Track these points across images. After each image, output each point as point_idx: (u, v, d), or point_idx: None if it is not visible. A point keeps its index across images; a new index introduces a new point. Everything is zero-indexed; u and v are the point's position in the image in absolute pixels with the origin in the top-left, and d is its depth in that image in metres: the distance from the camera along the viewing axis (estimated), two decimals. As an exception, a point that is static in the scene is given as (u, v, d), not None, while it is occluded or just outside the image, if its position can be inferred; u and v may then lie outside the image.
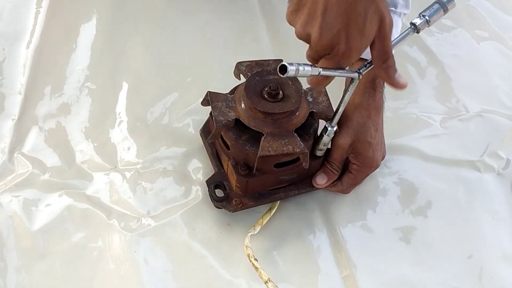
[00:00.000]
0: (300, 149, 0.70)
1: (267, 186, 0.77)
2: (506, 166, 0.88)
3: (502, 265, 0.79)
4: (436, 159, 0.88)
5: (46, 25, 0.95)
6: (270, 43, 0.98)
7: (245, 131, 0.73)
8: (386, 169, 0.85)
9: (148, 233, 0.77)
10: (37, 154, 0.82)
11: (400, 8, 0.83)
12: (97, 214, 0.78)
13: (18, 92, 0.87)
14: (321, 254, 0.78)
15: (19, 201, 0.77)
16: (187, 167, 0.83)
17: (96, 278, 0.73)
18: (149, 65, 0.93)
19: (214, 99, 0.74)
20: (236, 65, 0.77)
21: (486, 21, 1.06)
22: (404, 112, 0.93)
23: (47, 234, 0.75)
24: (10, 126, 0.84)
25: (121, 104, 0.88)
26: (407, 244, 0.80)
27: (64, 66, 0.91)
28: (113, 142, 0.84)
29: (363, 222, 0.81)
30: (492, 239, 0.81)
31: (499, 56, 1.02)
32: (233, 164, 0.75)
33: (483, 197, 0.85)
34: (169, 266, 0.75)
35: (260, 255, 0.74)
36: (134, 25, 0.98)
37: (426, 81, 0.97)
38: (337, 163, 0.78)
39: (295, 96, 0.72)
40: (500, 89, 0.97)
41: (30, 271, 0.73)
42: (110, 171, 0.82)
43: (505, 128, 0.92)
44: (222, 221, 0.79)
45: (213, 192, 0.76)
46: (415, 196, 0.84)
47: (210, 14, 1.01)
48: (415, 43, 1.01)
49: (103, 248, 0.75)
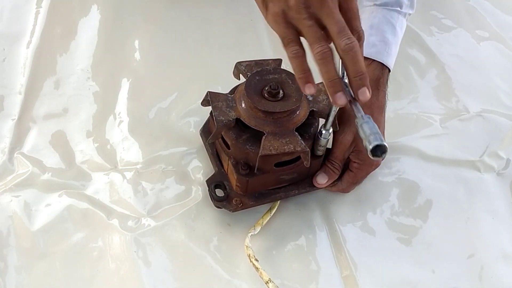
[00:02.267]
0: (301, 148, 0.70)
1: (268, 186, 0.77)
2: (506, 166, 0.88)
3: (502, 265, 0.79)
4: (436, 159, 0.88)
5: (46, 25, 0.95)
6: (270, 43, 0.98)
7: (246, 130, 0.73)
8: (386, 169, 0.85)
9: (148, 233, 0.77)
10: (37, 154, 0.82)
11: (405, 9, 0.83)
12: (97, 214, 0.78)
13: (18, 92, 0.87)
14: (321, 254, 0.78)
15: (19, 201, 0.77)
16: (187, 167, 0.83)
17: (96, 278, 0.73)
18: (149, 65, 0.93)
19: (214, 99, 0.74)
20: (235, 65, 0.77)
21: (486, 21, 1.06)
22: (404, 112, 0.93)
23: (47, 234, 0.75)
24: (10, 126, 0.84)
25: (121, 104, 0.88)
26: (407, 244, 0.80)
27: (64, 66, 0.91)
28: (113, 142, 0.84)
29: (363, 222, 0.81)
30: (492, 239, 0.81)
31: (499, 56, 1.02)
32: (234, 163, 0.75)
33: (483, 197, 0.85)
34: (169, 266, 0.75)
35: (261, 255, 0.74)
36: (134, 25, 0.98)
37: (426, 81, 0.97)
38: (338, 161, 0.78)
39: (295, 95, 0.72)
40: (500, 89, 0.97)
41: (30, 271, 0.73)
42: (110, 171, 0.82)
43: (505, 128, 0.92)
44: (222, 221, 0.79)
45: (213, 192, 0.76)
46: (415, 196, 0.84)
47: (210, 14, 1.01)
48: (415, 43, 1.01)
49: (103, 248, 0.75)
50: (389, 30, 0.81)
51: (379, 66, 0.80)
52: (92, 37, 0.95)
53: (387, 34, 0.81)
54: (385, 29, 0.81)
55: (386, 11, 0.82)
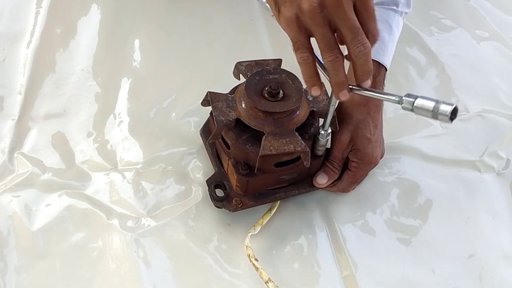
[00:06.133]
0: (301, 148, 0.70)
1: (268, 186, 0.77)
2: (506, 166, 0.88)
3: (502, 265, 0.79)
4: (436, 159, 0.88)
5: (46, 25, 0.95)
6: (270, 43, 0.98)
7: (246, 130, 0.73)
8: (386, 169, 0.86)
9: (148, 233, 0.77)
10: (37, 154, 0.82)
11: (402, 7, 0.83)
12: (97, 214, 0.78)
13: (18, 92, 0.87)
14: (321, 254, 0.78)
15: (19, 201, 0.77)
16: (187, 167, 0.83)
17: (96, 278, 0.73)
18: (149, 65, 0.93)
19: (215, 99, 0.74)
20: (235, 65, 0.77)
21: (486, 21, 1.06)
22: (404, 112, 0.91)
23: (47, 234, 0.75)
24: (10, 126, 0.84)
25: (121, 104, 0.88)
26: (407, 244, 0.80)
27: (64, 66, 0.91)
28: (113, 142, 0.84)
29: (363, 222, 0.81)
30: (492, 239, 0.81)
31: (499, 56, 1.02)
32: (234, 163, 0.75)
33: (483, 197, 0.85)
34: (169, 266, 0.75)
35: (260, 255, 0.74)
36: (134, 25, 0.98)
37: (426, 81, 0.97)
38: (338, 161, 0.78)
39: (295, 95, 0.72)
40: (500, 89, 0.97)
41: (30, 271, 0.73)
42: (110, 171, 0.82)
43: (505, 128, 0.92)
44: (222, 221, 0.79)
45: (213, 192, 0.76)
46: (415, 196, 0.84)
47: (210, 14, 1.01)
48: (415, 43, 1.01)
49: (103, 248, 0.75)
50: (385, 29, 0.81)
51: (376, 65, 0.80)
52: (92, 37, 0.95)
53: (383, 33, 0.81)
54: (381, 27, 0.81)
55: (382, 10, 0.82)
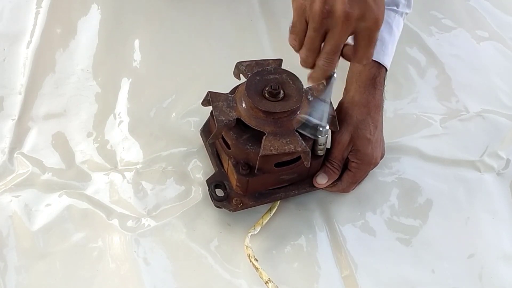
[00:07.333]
0: (301, 148, 0.70)
1: (268, 186, 0.77)
2: (506, 166, 0.88)
3: (502, 265, 0.79)
4: (436, 159, 0.88)
5: (46, 25, 0.95)
6: (270, 43, 0.98)
7: (246, 130, 0.73)
8: (386, 169, 0.85)
9: (148, 233, 0.77)
10: (37, 154, 0.82)
11: (402, 8, 0.83)
12: (97, 214, 0.78)
13: (18, 92, 0.87)
14: (321, 254, 0.78)
15: (19, 201, 0.77)
16: (187, 167, 0.83)
17: (96, 278, 0.73)
18: (149, 65, 0.93)
19: (215, 99, 0.74)
20: (236, 65, 0.77)
21: (486, 21, 1.06)
22: (404, 112, 0.92)
23: (47, 234, 0.75)
24: (10, 126, 0.84)
25: (121, 104, 0.88)
26: (407, 244, 0.80)
27: (64, 66, 0.91)
28: (113, 142, 0.84)
29: (363, 222, 0.81)
30: (492, 239, 0.81)
31: (499, 56, 1.02)
32: (234, 163, 0.75)
33: (483, 197, 0.85)
34: (169, 266, 0.75)
35: (260, 255, 0.74)
36: (134, 25, 0.98)
37: (426, 81, 0.97)
38: (338, 161, 0.78)
39: (296, 95, 0.72)
40: (500, 89, 0.97)
41: (30, 271, 0.73)
42: (110, 171, 0.82)
43: (505, 128, 0.92)
44: (222, 221, 0.79)
45: (213, 192, 0.76)
46: (415, 196, 0.84)
47: (210, 14, 1.01)
48: (415, 43, 1.01)
49: (103, 248, 0.75)
50: (385, 29, 0.81)
51: (376, 65, 0.80)
52: (92, 37, 0.95)
53: (383, 33, 0.81)
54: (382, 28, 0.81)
55: None
